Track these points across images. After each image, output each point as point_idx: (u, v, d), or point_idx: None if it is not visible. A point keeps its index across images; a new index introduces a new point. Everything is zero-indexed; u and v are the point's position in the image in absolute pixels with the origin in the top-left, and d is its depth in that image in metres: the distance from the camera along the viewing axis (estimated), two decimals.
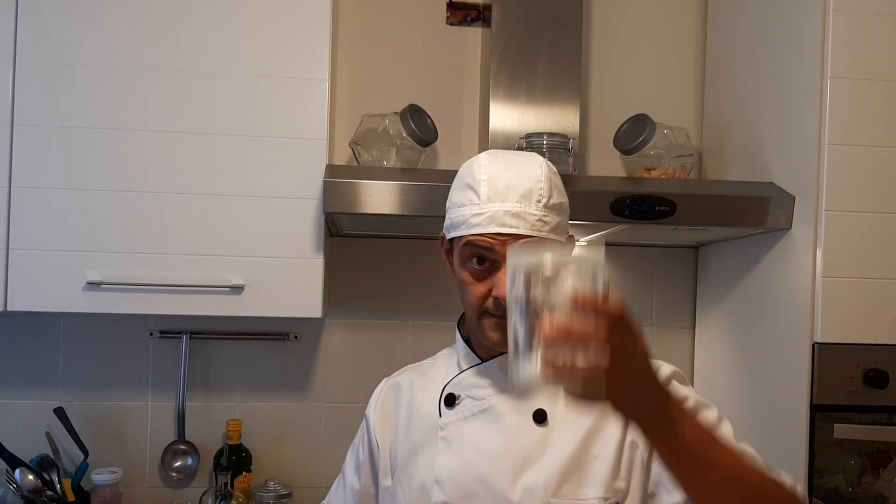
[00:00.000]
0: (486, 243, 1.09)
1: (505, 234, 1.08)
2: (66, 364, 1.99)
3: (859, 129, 1.59)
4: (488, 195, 1.10)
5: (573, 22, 1.94)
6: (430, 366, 1.32)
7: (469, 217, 1.11)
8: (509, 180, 1.10)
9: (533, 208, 1.10)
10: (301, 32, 1.71)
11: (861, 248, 1.59)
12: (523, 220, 1.09)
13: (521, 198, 1.10)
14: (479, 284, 1.12)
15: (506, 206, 1.09)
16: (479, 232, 1.09)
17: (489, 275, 1.11)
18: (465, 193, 1.13)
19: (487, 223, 1.09)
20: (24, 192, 1.65)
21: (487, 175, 1.11)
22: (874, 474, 1.62)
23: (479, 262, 1.11)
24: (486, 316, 1.13)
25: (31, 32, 1.66)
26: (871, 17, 1.60)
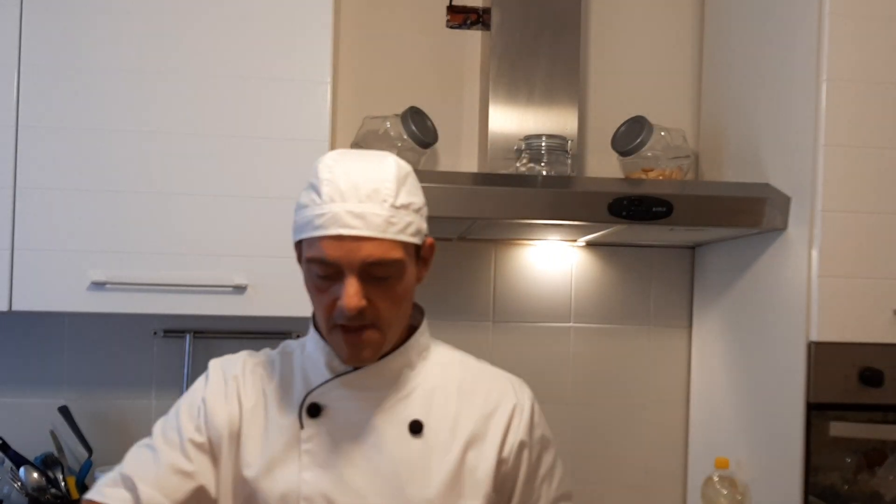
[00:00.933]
0: (329, 254, 1.01)
1: (348, 237, 1.00)
2: (71, 363, 1.99)
3: (854, 131, 1.60)
4: (330, 194, 1.02)
5: (572, 25, 1.95)
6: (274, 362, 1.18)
7: (311, 218, 1.02)
8: (354, 179, 1.02)
9: (378, 208, 1.01)
10: (303, 35, 1.72)
11: (856, 247, 1.59)
12: (366, 220, 1.00)
13: (366, 197, 1.01)
14: (325, 295, 1.04)
15: (348, 206, 1.01)
16: (321, 234, 1.01)
17: (334, 283, 1.03)
18: (309, 194, 1.05)
19: (329, 224, 1.00)
20: (29, 193, 1.65)
21: (331, 174, 1.03)
22: (870, 472, 1.62)
23: (324, 274, 1.03)
24: (336, 329, 1.05)
25: (35, 35, 1.66)
26: (866, 20, 1.61)
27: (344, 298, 1.01)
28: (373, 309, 1.03)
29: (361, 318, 1.03)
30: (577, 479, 2.12)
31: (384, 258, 1.02)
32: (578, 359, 2.14)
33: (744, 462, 1.83)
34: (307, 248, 1.04)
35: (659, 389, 2.17)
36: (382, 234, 1.01)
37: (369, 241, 1.01)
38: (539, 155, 1.84)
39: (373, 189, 1.02)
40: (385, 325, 1.06)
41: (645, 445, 2.15)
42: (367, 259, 1.01)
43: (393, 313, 1.07)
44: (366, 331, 1.05)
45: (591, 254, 2.15)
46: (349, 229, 1.00)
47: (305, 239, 1.04)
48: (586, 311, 2.14)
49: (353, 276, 1.01)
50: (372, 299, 1.03)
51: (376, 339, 1.07)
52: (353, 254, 1.00)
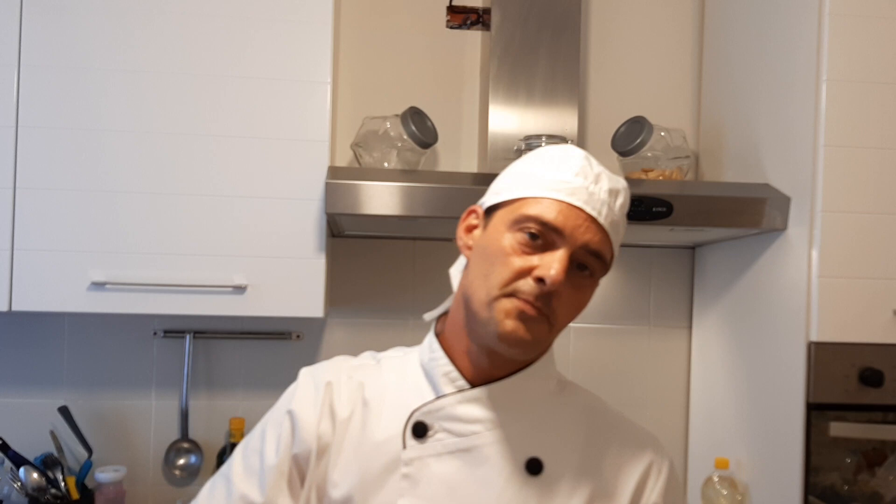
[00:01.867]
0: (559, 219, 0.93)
1: (585, 213, 0.94)
2: (71, 363, 1.99)
3: (854, 131, 1.60)
4: (581, 172, 0.96)
5: (572, 25, 1.95)
6: (392, 369, 1.07)
7: (552, 182, 0.95)
8: (602, 171, 0.98)
9: (615, 208, 0.98)
10: (303, 36, 1.72)
11: (856, 248, 1.59)
12: (606, 210, 0.96)
13: (608, 193, 0.97)
14: (522, 257, 0.94)
15: (595, 189, 0.96)
16: (562, 199, 0.94)
17: (537, 252, 0.94)
18: (548, 163, 0.98)
19: (574, 193, 0.94)
20: (29, 193, 1.65)
21: (583, 156, 0.98)
22: (869, 472, 1.62)
23: (534, 237, 0.94)
24: (507, 298, 0.93)
25: (35, 35, 1.66)
26: (866, 20, 1.60)
27: (552, 268, 0.91)
28: (559, 301, 0.94)
29: (548, 302, 0.93)
30: None
31: (601, 251, 0.95)
32: (578, 359, 2.14)
33: (744, 462, 1.83)
34: (528, 205, 0.95)
35: (659, 389, 2.16)
36: (611, 230, 0.97)
37: (598, 228, 0.95)
38: None
39: (617, 189, 0.98)
40: (556, 325, 0.97)
41: None
42: (589, 243, 0.94)
43: (569, 317, 0.98)
44: (539, 320, 0.94)
45: None
46: (591, 207, 0.94)
47: (532, 197, 0.95)
48: (586, 312, 2.07)
49: (567, 251, 0.93)
50: (563, 291, 0.94)
51: (544, 332, 0.96)
52: (580, 230, 0.94)
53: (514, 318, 0.93)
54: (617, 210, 0.97)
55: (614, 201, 0.97)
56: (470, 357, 1.01)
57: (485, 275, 0.95)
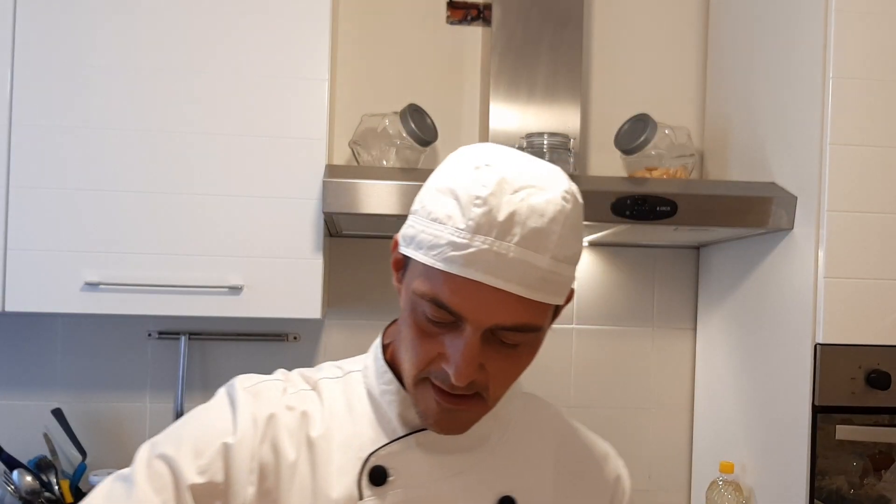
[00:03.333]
0: (456, 302, 0.76)
1: (487, 287, 0.75)
2: (64, 365, 1.98)
3: (861, 129, 1.59)
4: (482, 222, 0.75)
5: (574, 21, 1.94)
6: (335, 398, 0.91)
7: (444, 245, 0.76)
8: (518, 208, 0.76)
9: (540, 258, 0.76)
10: (301, 32, 1.71)
11: (863, 248, 1.58)
12: (522, 272, 0.76)
13: (530, 238, 0.76)
14: (429, 342, 0.80)
15: (502, 247, 0.75)
16: (454, 272, 0.75)
17: (446, 331, 0.79)
18: (448, 203, 0.78)
19: (469, 264, 0.75)
20: (22, 193, 1.65)
21: (495, 189, 0.76)
22: (876, 476, 1.62)
23: (436, 316, 0.78)
24: (428, 386, 0.81)
25: (29, 32, 1.65)
26: (873, 17, 1.60)
27: (454, 365, 0.77)
28: (485, 377, 0.80)
29: (466, 388, 0.79)
30: None
31: (523, 324, 0.78)
32: (581, 361, 2.13)
33: (749, 466, 1.82)
34: (423, 278, 0.78)
35: (663, 392, 2.15)
36: (533, 293, 0.77)
37: (513, 300, 0.76)
38: (541, 153, 1.83)
39: (537, 230, 0.76)
40: (494, 399, 0.83)
41: (649, 449, 2.14)
42: (502, 324, 0.77)
43: (507, 387, 0.84)
44: (468, 400, 0.81)
45: (593, 254, 2.13)
46: (494, 278, 0.75)
47: (427, 267, 0.78)
48: (589, 313, 2.13)
49: (476, 336, 0.77)
50: (487, 366, 0.79)
51: (477, 412, 0.84)
52: (486, 311, 0.76)
53: (436, 413, 0.82)
54: (542, 258, 0.76)
55: (536, 247, 0.76)
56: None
57: (405, 346, 0.83)
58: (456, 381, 0.77)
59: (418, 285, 0.79)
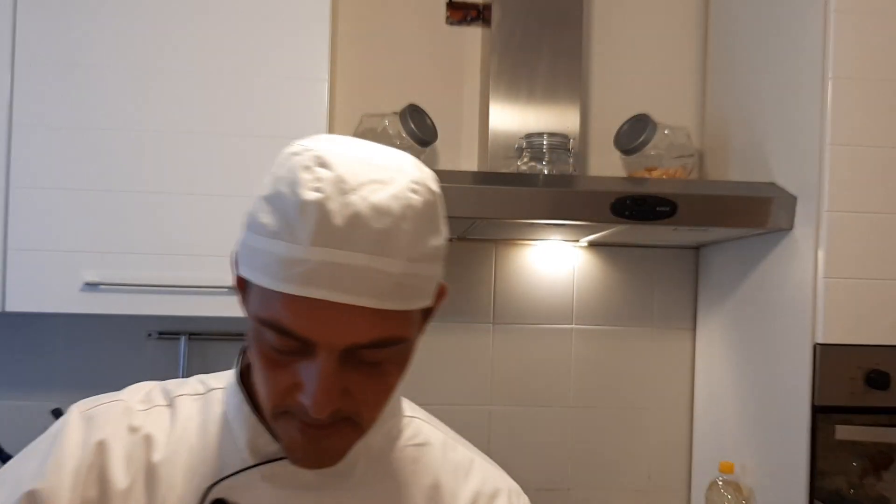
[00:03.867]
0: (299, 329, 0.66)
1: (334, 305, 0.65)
2: (64, 365, 1.98)
3: (861, 130, 1.59)
4: (317, 232, 0.65)
5: (573, 21, 1.94)
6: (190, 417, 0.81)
7: (276, 260, 0.66)
8: (359, 209, 0.65)
9: (393, 263, 0.66)
10: (300, 32, 1.71)
11: (863, 248, 1.58)
12: (372, 283, 0.65)
13: (378, 241, 0.65)
14: (280, 373, 0.69)
15: (345, 256, 0.65)
16: (293, 293, 0.65)
17: (297, 359, 0.68)
18: (279, 216, 0.67)
19: (308, 282, 0.64)
20: (22, 193, 1.64)
21: (323, 193, 0.65)
22: (876, 476, 1.61)
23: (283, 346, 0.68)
24: (289, 419, 0.71)
25: (29, 32, 1.65)
26: (873, 17, 1.59)
27: (310, 396, 0.67)
28: (352, 403, 0.70)
29: (331, 416, 0.69)
30: (580, 483, 2.11)
31: (383, 339, 0.68)
32: (580, 361, 2.12)
33: (749, 466, 1.82)
34: (262, 303, 0.68)
35: (662, 392, 2.15)
36: (389, 304, 0.67)
37: (368, 314, 0.66)
38: (540, 153, 1.83)
39: (384, 232, 0.66)
40: (368, 422, 0.73)
41: (648, 449, 2.14)
42: (359, 342, 0.67)
43: (381, 407, 0.73)
44: (338, 426, 0.71)
45: (593, 254, 2.13)
46: (341, 294, 0.65)
47: (266, 290, 0.67)
48: (588, 313, 2.13)
49: (332, 361, 0.67)
50: (353, 390, 0.69)
51: (350, 439, 0.74)
52: (337, 331, 0.66)
53: (302, 445, 0.71)
54: (395, 262, 0.66)
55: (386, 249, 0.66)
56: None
57: (257, 378, 0.73)
58: (314, 413, 0.66)
59: (258, 311, 0.68)
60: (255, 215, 0.70)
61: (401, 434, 0.85)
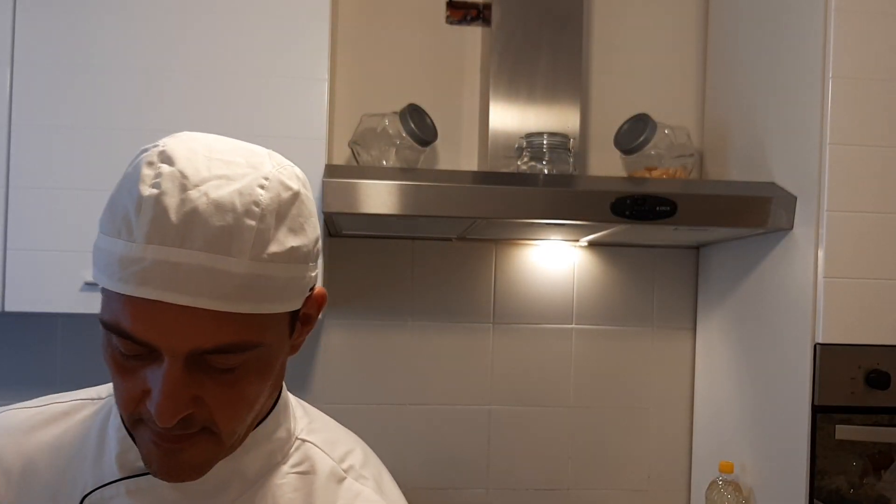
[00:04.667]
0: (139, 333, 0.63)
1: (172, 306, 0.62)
2: (64, 365, 1.98)
3: (861, 129, 1.59)
4: (152, 229, 0.62)
5: (574, 21, 1.94)
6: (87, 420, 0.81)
7: (114, 261, 0.64)
8: (198, 204, 0.63)
9: (235, 262, 0.63)
10: (300, 31, 1.71)
11: (863, 248, 1.58)
12: (214, 282, 0.62)
13: (217, 238, 0.62)
14: (130, 379, 0.67)
15: (182, 255, 0.62)
16: (130, 293, 0.63)
17: (144, 365, 0.66)
18: (118, 212, 0.66)
19: (144, 282, 0.62)
20: (22, 193, 1.64)
21: (163, 186, 0.64)
22: (876, 476, 1.61)
23: (128, 350, 0.66)
24: (144, 427, 0.68)
25: (28, 32, 1.65)
26: (873, 17, 1.59)
27: (155, 403, 0.64)
28: (205, 411, 0.67)
29: (184, 425, 0.66)
30: (580, 483, 2.11)
31: (229, 344, 0.64)
32: (580, 361, 2.12)
33: (748, 466, 1.81)
34: (105, 305, 0.66)
35: (662, 392, 2.15)
36: (232, 306, 0.63)
37: (209, 317, 0.63)
38: (540, 153, 1.83)
39: (224, 229, 0.63)
40: (228, 433, 0.69)
41: (648, 449, 2.14)
42: (202, 347, 0.64)
43: (240, 418, 0.69)
44: (193, 438, 0.68)
45: (593, 254, 2.13)
46: (177, 295, 0.62)
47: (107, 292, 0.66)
48: (588, 313, 2.13)
49: (177, 366, 0.64)
50: (205, 398, 0.66)
51: (208, 451, 0.69)
52: (177, 335, 0.63)
53: (157, 458, 0.68)
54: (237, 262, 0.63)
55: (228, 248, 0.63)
56: None
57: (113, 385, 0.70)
58: (160, 422, 0.63)
59: (102, 314, 0.66)
60: (103, 215, 0.68)
61: (286, 459, 0.79)
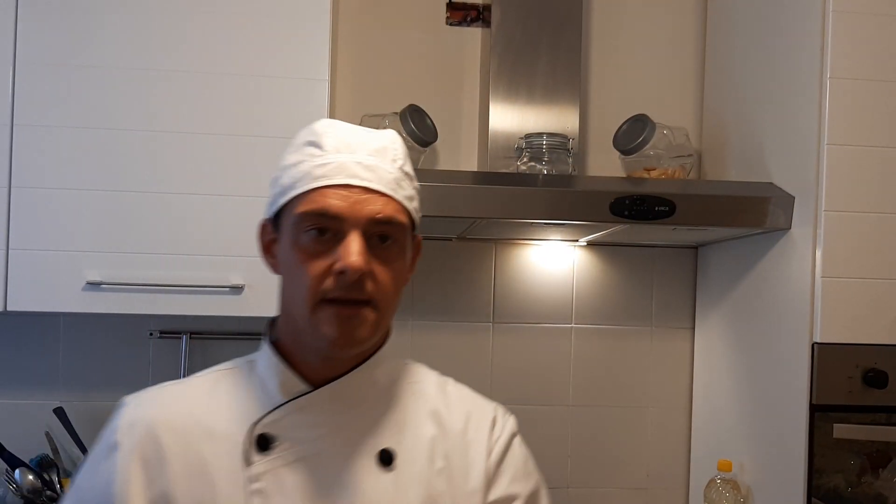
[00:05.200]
0: (332, 205, 0.89)
1: (356, 188, 0.90)
2: (66, 364, 1.98)
3: (859, 130, 1.59)
4: (336, 146, 0.92)
5: (573, 22, 1.94)
6: (209, 392, 1.01)
7: (310, 169, 0.91)
8: (359, 135, 0.95)
9: (388, 165, 0.93)
10: (301, 32, 1.71)
11: (860, 248, 1.58)
12: (377, 174, 0.91)
13: (375, 151, 0.93)
14: (317, 260, 0.90)
15: (357, 157, 0.92)
16: (324, 184, 0.90)
17: (330, 247, 0.90)
18: (303, 150, 0.94)
19: (335, 173, 0.90)
20: (24, 192, 1.64)
21: (333, 129, 0.95)
22: (873, 474, 1.61)
23: (320, 233, 0.90)
24: (323, 305, 0.90)
25: (31, 32, 1.65)
26: (871, 18, 1.60)
27: (346, 257, 0.87)
28: (374, 282, 0.91)
29: (361, 288, 0.90)
30: (579, 481, 2.11)
31: (391, 216, 0.92)
32: (579, 360, 2.13)
33: (747, 464, 1.82)
34: (300, 205, 0.91)
35: (661, 391, 2.15)
36: (393, 192, 0.92)
37: (379, 196, 0.91)
38: (540, 153, 1.83)
39: (382, 146, 0.94)
40: (383, 305, 0.93)
41: (647, 447, 2.14)
42: (376, 215, 0.90)
43: (391, 291, 0.94)
44: (362, 308, 0.91)
45: (592, 254, 2.14)
46: (359, 180, 0.90)
47: (299, 195, 0.91)
48: (588, 312, 2.13)
49: (357, 232, 0.89)
50: (373, 269, 0.91)
51: (372, 319, 0.92)
52: (360, 206, 0.90)
53: (335, 325, 0.90)
54: (390, 166, 0.94)
55: (383, 159, 0.94)
56: (307, 361, 0.97)
57: (294, 288, 0.93)
58: (351, 272, 0.87)
59: (302, 208, 0.91)
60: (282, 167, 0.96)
61: (401, 375, 1.05)
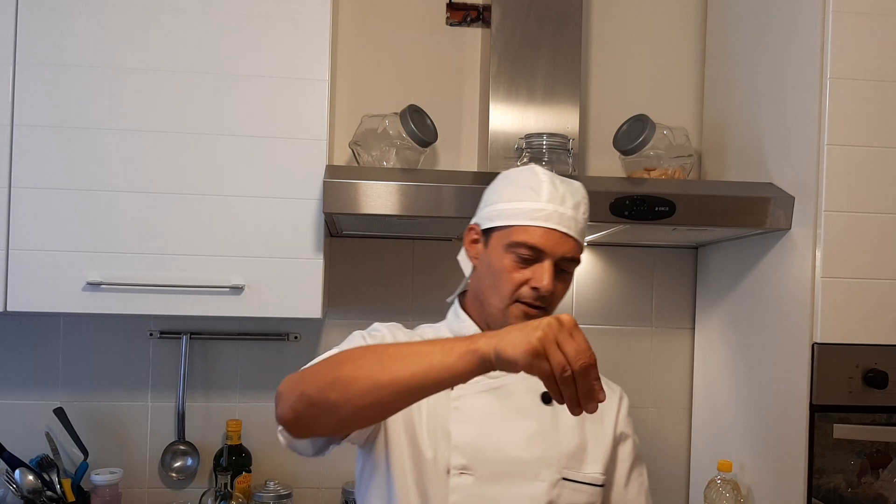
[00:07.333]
0: (540, 242, 1.24)
1: (559, 231, 1.25)
2: (66, 364, 1.98)
3: (859, 130, 1.59)
4: (551, 196, 1.26)
5: (573, 22, 1.94)
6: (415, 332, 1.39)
7: (529, 210, 1.25)
8: (564, 191, 1.28)
9: (580, 217, 1.29)
10: (301, 33, 1.71)
11: (860, 248, 1.58)
12: (573, 224, 1.27)
13: (575, 206, 1.28)
14: (519, 272, 1.25)
15: (563, 209, 1.26)
16: (539, 225, 1.24)
17: (529, 265, 1.25)
18: (523, 192, 1.27)
19: (548, 219, 1.25)
20: (25, 193, 1.65)
21: (548, 181, 1.28)
22: (873, 474, 1.61)
23: (527, 256, 1.25)
24: (517, 304, 1.25)
25: (31, 32, 1.65)
26: (871, 18, 1.60)
27: (543, 280, 1.24)
28: (552, 296, 1.26)
29: (545, 300, 1.25)
30: None
31: (575, 256, 1.28)
32: None
33: (747, 465, 1.82)
34: (517, 233, 1.25)
35: (661, 391, 2.16)
36: (579, 237, 1.28)
37: (571, 240, 1.26)
38: (540, 154, 1.84)
39: (577, 202, 1.29)
40: (552, 308, 1.28)
41: (647, 447, 2.11)
42: (567, 254, 1.26)
43: (560, 301, 1.30)
44: (541, 311, 1.25)
45: (592, 254, 2.14)
46: (563, 227, 1.25)
47: (517, 226, 1.26)
48: (588, 312, 2.13)
49: (551, 262, 1.25)
50: (554, 288, 1.25)
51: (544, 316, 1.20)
52: (558, 246, 1.25)
53: (521, 320, 1.21)
54: (581, 218, 1.29)
55: (578, 213, 1.28)
56: (490, 326, 1.30)
57: (494, 286, 1.28)
58: (545, 288, 1.24)
59: (519, 237, 1.25)
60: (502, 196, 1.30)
61: None
